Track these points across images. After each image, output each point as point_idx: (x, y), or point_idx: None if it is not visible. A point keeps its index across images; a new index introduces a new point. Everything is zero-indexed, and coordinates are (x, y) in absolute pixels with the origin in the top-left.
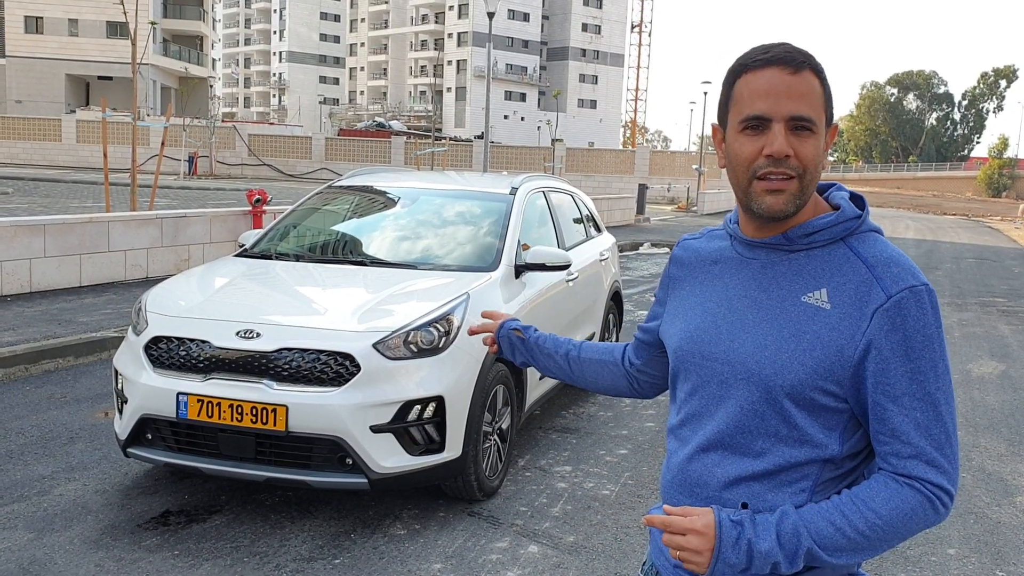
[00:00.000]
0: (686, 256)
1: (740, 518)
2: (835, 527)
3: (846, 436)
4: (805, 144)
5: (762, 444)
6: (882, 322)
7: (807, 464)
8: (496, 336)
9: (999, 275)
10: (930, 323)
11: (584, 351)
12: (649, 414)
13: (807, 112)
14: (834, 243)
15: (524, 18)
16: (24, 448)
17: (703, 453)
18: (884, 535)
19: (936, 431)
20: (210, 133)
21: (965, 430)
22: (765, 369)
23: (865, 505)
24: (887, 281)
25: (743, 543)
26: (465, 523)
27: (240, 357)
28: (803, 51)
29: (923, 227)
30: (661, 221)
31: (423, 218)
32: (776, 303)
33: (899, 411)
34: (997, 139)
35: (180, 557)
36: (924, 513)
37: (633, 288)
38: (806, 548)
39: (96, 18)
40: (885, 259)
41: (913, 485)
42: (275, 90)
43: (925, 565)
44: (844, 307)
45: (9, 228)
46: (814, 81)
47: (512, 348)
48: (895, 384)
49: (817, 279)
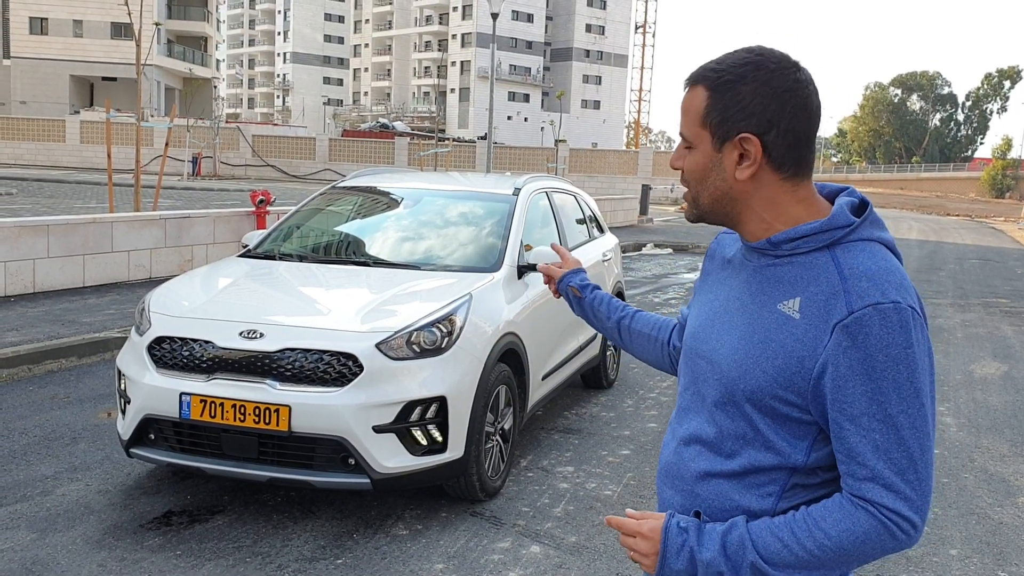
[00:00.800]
0: (716, 251)
1: (687, 525)
2: (782, 543)
3: (815, 447)
4: (687, 159)
5: (732, 445)
6: (841, 338)
7: (773, 470)
8: (557, 287)
9: (1002, 276)
10: (895, 343)
11: (636, 322)
12: (651, 415)
13: (683, 129)
14: (819, 251)
15: (528, 19)
16: (27, 448)
17: (685, 446)
18: (835, 556)
19: (897, 455)
20: (214, 134)
21: (967, 431)
22: (732, 372)
23: (816, 524)
24: (852, 296)
25: (686, 551)
26: (467, 523)
27: (243, 357)
28: (710, 65)
29: (926, 228)
30: (664, 222)
31: (426, 219)
32: (756, 308)
33: (856, 431)
34: (1001, 140)
35: (182, 557)
36: (879, 538)
37: (636, 289)
38: (750, 561)
39: (100, 19)
40: (860, 272)
41: (867, 508)
42: (279, 91)
43: (927, 566)
44: (811, 318)
45: (13, 228)
46: (699, 96)
47: (569, 301)
48: (853, 403)
49: (795, 287)
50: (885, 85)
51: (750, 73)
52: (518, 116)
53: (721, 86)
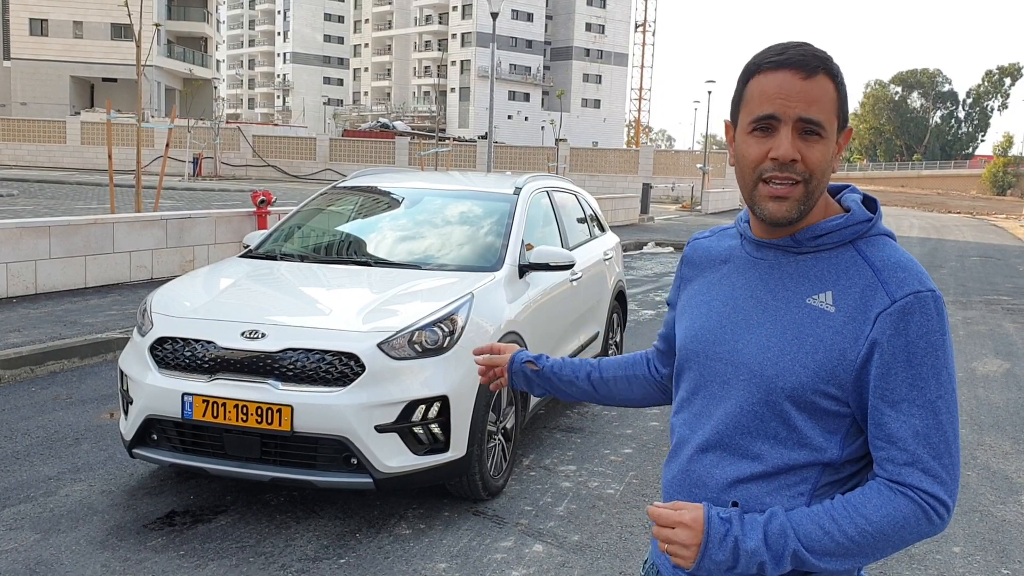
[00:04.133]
0: (696, 256)
1: (729, 515)
2: (823, 531)
3: (848, 441)
4: (813, 149)
5: (760, 446)
6: (885, 326)
7: (806, 467)
8: (509, 371)
9: (1004, 273)
10: (934, 330)
11: (606, 370)
12: (653, 413)
13: (816, 116)
14: (843, 246)
15: (528, 18)
16: (30, 449)
17: (702, 453)
18: (875, 542)
19: (935, 440)
20: (214, 134)
21: (970, 428)
22: (767, 371)
23: (856, 511)
24: (892, 286)
25: (730, 540)
26: (470, 522)
27: (245, 357)
28: (819, 54)
29: (928, 225)
30: (665, 220)
31: (427, 218)
32: (781, 304)
33: (897, 417)
34: (1002, 137)
35: (186, 557)
36: (917, 522)
37: (637, 288)
38: (792, 550)
39: (100, 20)
40: (893, 264)
41: (907, 493)
42: (279, 91)
43: (930, 563)
44: (849, 310)
45: (15, 230)
46: (828, 85)
47: (528, 381)
48: (895, 389)
49: (823, 282)
50: (886, 83)
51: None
52: (518, 115)
53: (839, 76)
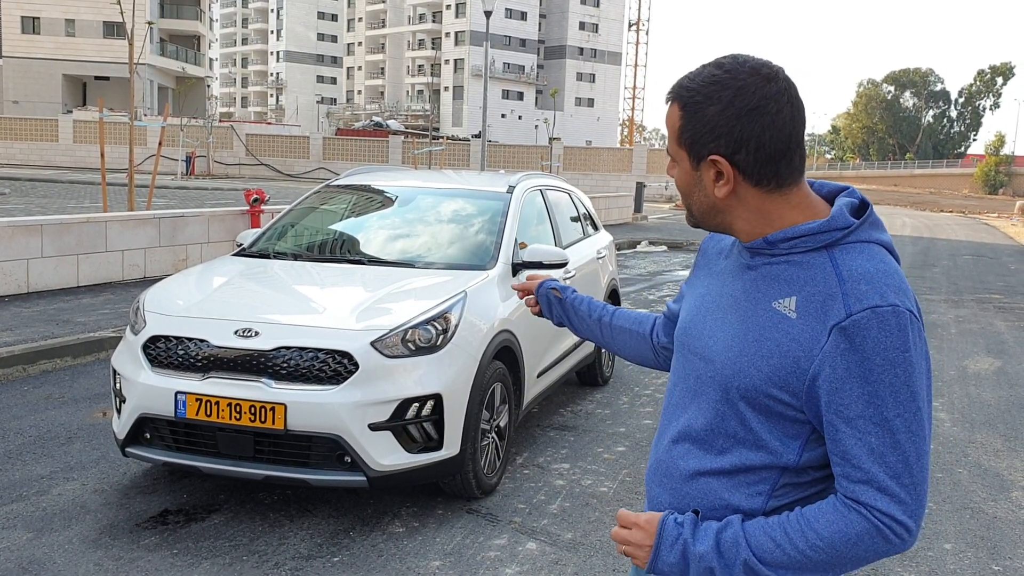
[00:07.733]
0: (708, 246)
1: (683, 520)
2: (775, 543)
3: (808, 447)
4: (674, 171)
5: (723, 443)
6: (838, 340)
7: (763, 469)
8: (536, 294)
9: (995, 272)
10: (893, 346)
11: (616, 318)
12: (646, 411)
13: (669, 145)
14: (816, 251)
15: (521, 17)
16: (22, 448)
17: (674, 444)
18: (828, 558)
19: (891, 459)
20: (207, 133)
21: (961, 425)
22: (727, 370)
23: (808, 525)
24: (851, 298)
25: (680, 543)
26: (463, 520)
27: (238, 356)
28: (683, 82)
29: (920, 224)
30: (659, 219)
31: (420, 217)
32: (751, 306)
33: (852, 433)
34: (994, 136)
35: (179, 556)
36: (872, 541)
37: (631, 286)
38: (743, 559)
39: (93, 18)
40: (858, 275)
41: (860, 511)
42: (272, 90)
43: (921, 560)
44: (808, 318)
45: (6, 228)
46: (675, 115)
47: (550, 307)
48: (850, 405)
49: (791, 286)
50: (878, 82)
51: (715, 93)
52: (512, 114)
53: (691, 106)
